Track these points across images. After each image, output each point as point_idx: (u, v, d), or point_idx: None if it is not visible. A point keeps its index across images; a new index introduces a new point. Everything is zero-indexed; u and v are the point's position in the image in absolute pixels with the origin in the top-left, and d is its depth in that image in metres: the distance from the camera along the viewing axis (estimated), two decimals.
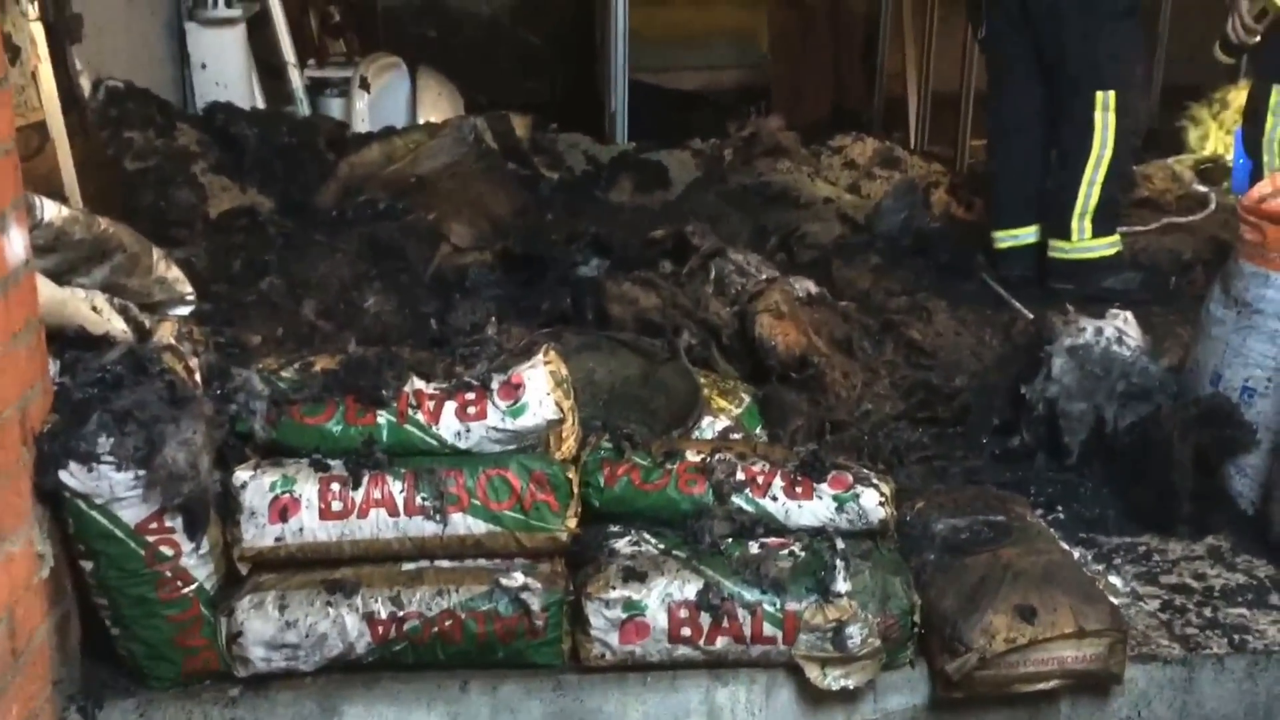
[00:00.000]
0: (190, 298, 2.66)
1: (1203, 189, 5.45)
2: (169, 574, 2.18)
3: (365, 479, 2.26)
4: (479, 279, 3.92)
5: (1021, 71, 4.42)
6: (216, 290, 3.46)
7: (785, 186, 5.07)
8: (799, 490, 2.38)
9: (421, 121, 5.67)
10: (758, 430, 2.93)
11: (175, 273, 2.61)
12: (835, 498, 2.37)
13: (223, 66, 5.30)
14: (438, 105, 5.98)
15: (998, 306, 4.17)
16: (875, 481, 2.41)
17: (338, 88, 5.96)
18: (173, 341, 2.30)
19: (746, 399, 3.01)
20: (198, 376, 2.28)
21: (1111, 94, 4.17)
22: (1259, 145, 4.14)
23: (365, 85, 5.80)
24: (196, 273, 3.20)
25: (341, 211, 4.37)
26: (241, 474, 2.26)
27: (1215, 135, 6.05)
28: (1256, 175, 3.94)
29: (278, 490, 2.25)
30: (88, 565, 2.17)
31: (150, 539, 2.14)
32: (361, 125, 5.61)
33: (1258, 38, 4.00)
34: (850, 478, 2.40)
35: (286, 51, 5.71)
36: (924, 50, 7.34)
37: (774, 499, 2.38)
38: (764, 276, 3.57)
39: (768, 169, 5.28)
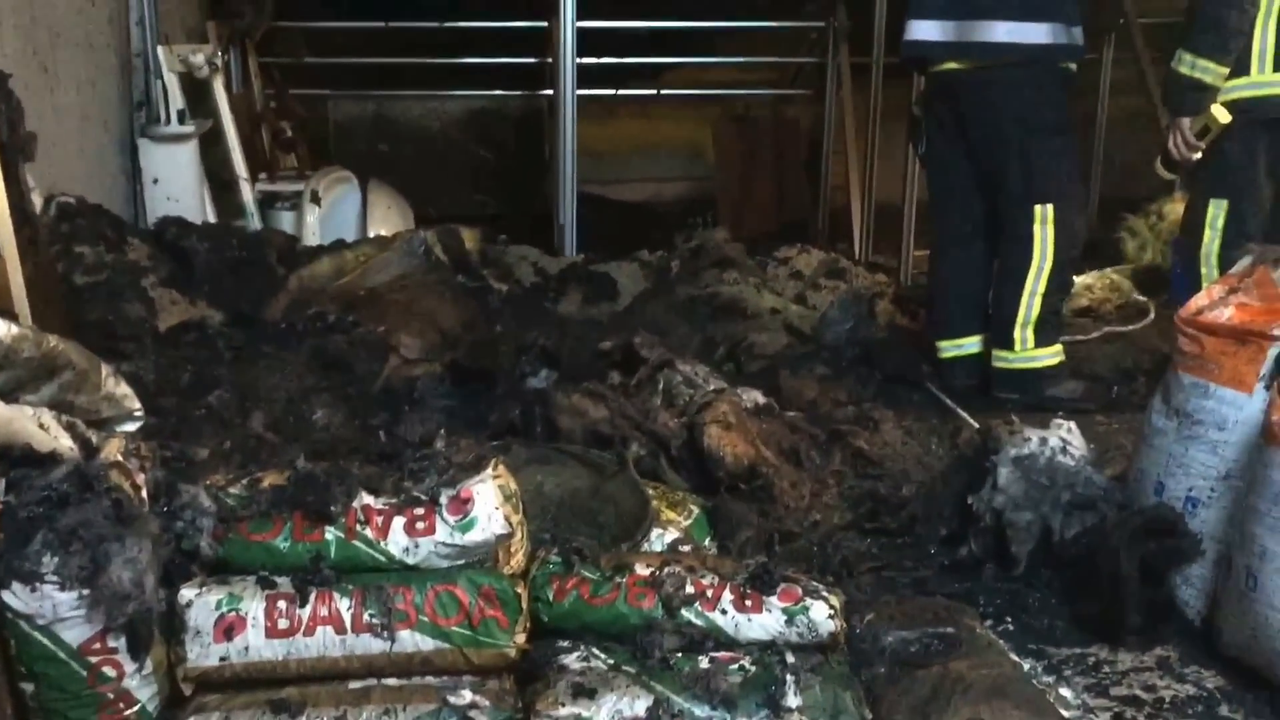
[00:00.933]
0: (138, 413, 2.65)
1: (1142, 298, 5.60)
2: (111, 696, 2.14)
3: (312, 596, 2.25)
4: (428, 391, 3.93)
5: (962, 185, 4.53)
6: (165, 404, 3.44)
7: (732, 298, 5.14)
8: (748, 604, 2.38)
9: (372, 235, 5.73)
10: (707, 542, 2.94)
11: (124, 389, 2.60)
12: (785, 611, 2.38)
13: (175, 182, 5.35)
14: (388, 218, 6.04)
15: (944, 416, 4.22)
16: (825, 594, 2.42)
17: (289, 201, 6.01)
18: (120, 458, 2.28)
19: (695, 510, 3.02)
20: (145, 493, 2.26)
21: (1050, 208, 4.27)
22: (1196, 258, 4.24)
23: (316, 199, 5.86)
24: (145, 386, 3.19)
25: (291, 324, 4.38)
26: (187, 592, 2.24)
27: (1153, 246, 6.21)
28: (1194, 287, 4.03)
29: (223, 608, 2.22)
30: (29, 688, 2.12)
31: (93, 660, 2.11)
32: (312, 238, 5.65)
33: (1199, 154, 4.12)
34: (800, 590, 2.40)
35: (238, 166, 5.78)
36: (867, 162, 7.51)
37: (723, 612, 2.38)
38: (712, 388, 3.61)
39: (715, 280, 5.35)
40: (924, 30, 4.34)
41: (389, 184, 6.49)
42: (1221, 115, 3.98)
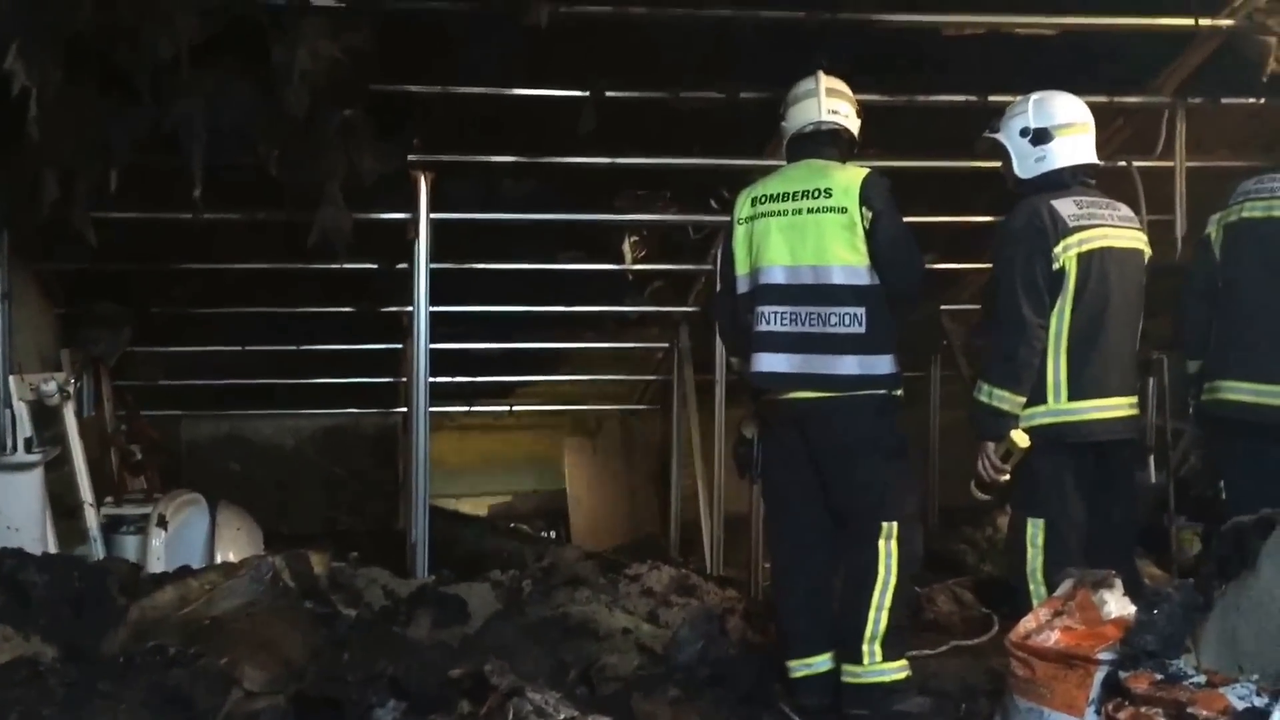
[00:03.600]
0: None
1: (985, 610, 5.74)
2: None
3: None
4: None
5: (804, 505, 4.61)
6: None
7: (584, 617, 5.14)
8: None
9: (220, 559, 5.64)
10: None
11: None
12: None
13: (17, 510, 5.26)
14: (236, 541, 5.97)
15: None
16: None
17: (135, 525, 5.91)
18: None
19: None
20: None
21: (894, 525, 4.38)
22: (1023, 575, 4.42)
23: (163, 523, 5.78)
24: None
25: (129, 658, 4.23)
26: None
27: (991, 557, 6.43)
28: (1023, 607, 4.15)
29: None
30: None
31: None
32: (157, 564, 5.54)
33: (1007, 476, 4.36)
34: None
35: (84, 491, 5.70)
36: (714, 475, 7.72)
37: None
38: (563, 716, 3.57)
39: (566, 599, 5.36)
40: (772, 362, 4.56)
41: (240, 505, 6.44)
42: (1020, 439, 4.23)
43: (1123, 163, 5.95)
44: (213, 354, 8.19)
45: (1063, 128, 4.34)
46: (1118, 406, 4.29)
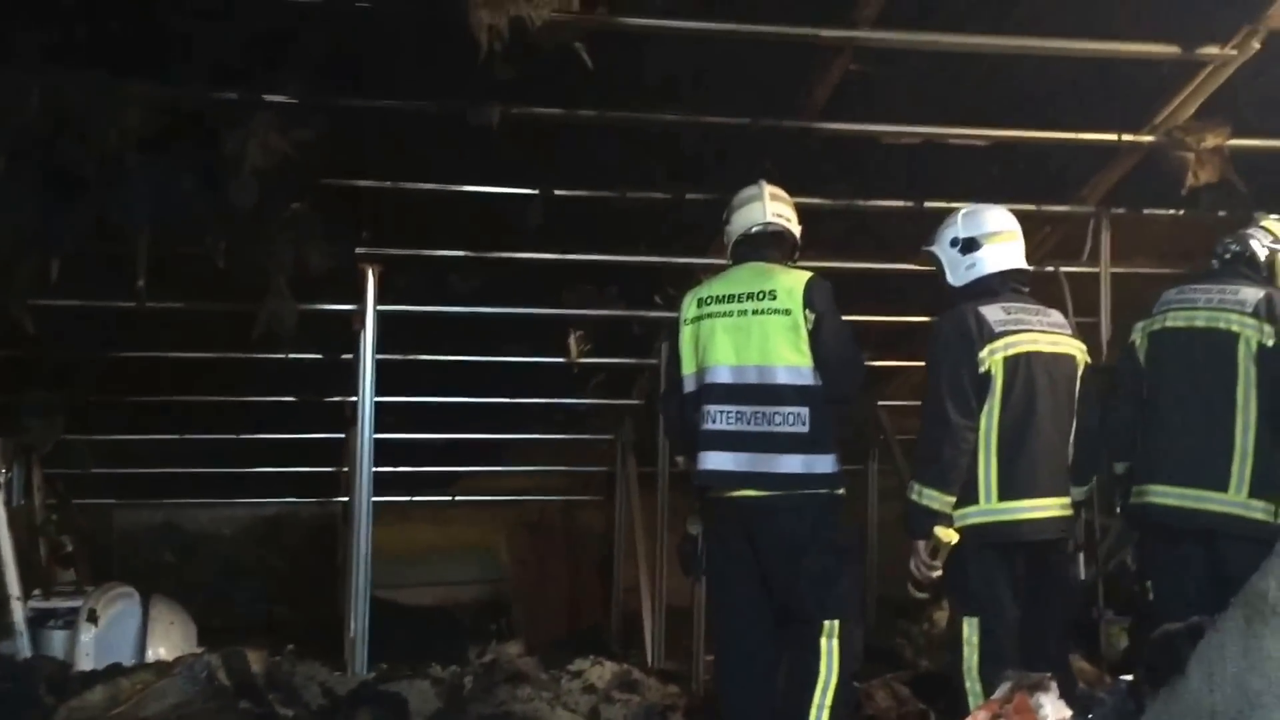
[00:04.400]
0: None
1: (922, 706, 5.77)
2: None
3: None
4: None
5: (747, 601, 4.63)
6: None
7: (526, 715, 5.12)
8: None
9: (152, 655, 5.55)
10: None
11: None
12: None
13: None
14: (169, 637, 5.87)
15: None
16: None
17: (64, 619, 5.78)
18: None
19: None
20: None
21: (836, 623, 4.42)
22: (960, 673, 4.46)
23: (93, 617, 5.67)
24: None
25: None
26: None
27: (928, 651, 6.47)
28: (962, 704, 4.20)
29: None
30: None
31: None
32: (86, 661, 5.42)
33: (937, 573, 4.44)
34: None
35: (10, 585, 5.58)
36: (656, 567, 7.72)
37: None
38: None
39: (508, 697, 5.34)
40: (718, 461, 4.60)
41: (174, 597, 6.34)
42: (945, 535, 4.31)
43: (1051, 268, 6.16)
44: (149, 442, 8.10)
45: (990, 236, 4.51)
46: (1048, 507, 4.39)
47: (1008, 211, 4.62)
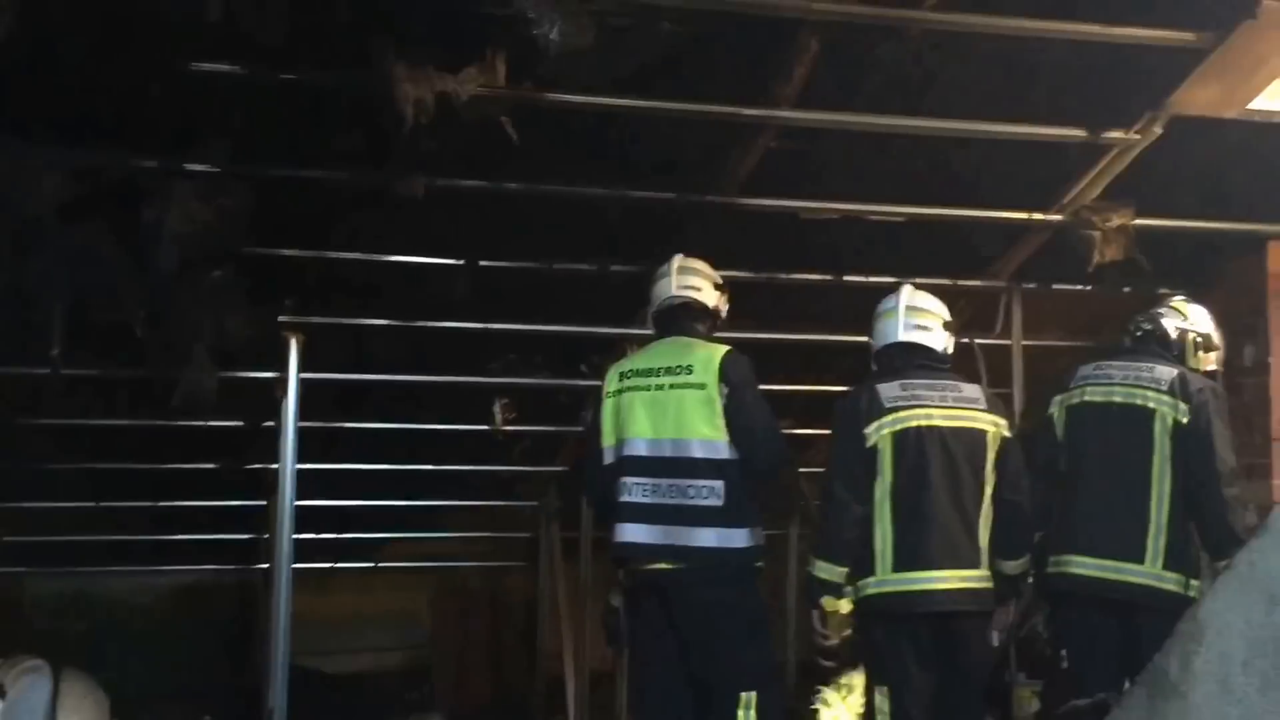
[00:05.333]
0: None
1: None
2: None
3: None
4: None
5: (666, 673, 4.65)
6: None
7: None
8: None
9: None
10: None
11: None
12: None
13: None
14: (80, 710, 5.70)
15: None
16: None
17: None
18: None
19: None
20: None
21: (753, 694, 4.46)
22: None
23: (0, 692, 5.50)
24: None
25: None
26: None
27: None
28: None
29: None
30: None
31: None
32: None
33: (833, 640, 4.51)
34: None
35: None
36: (579, 633, 7.70)
37: None
38: None
39: None
40: (634, 533, 4.64)
41: (87, 669, 6.17)
42: (830, 605, 4.44)
43: (965, 340, 6.30)
44: (63, 509, 7.92)
45: (880, 314, 4.73)
46: (947, 579, 4.46)
47: (920, 291, 4.76)
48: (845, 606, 4.39)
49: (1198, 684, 2.68)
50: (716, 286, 4.80)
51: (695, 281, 4.75)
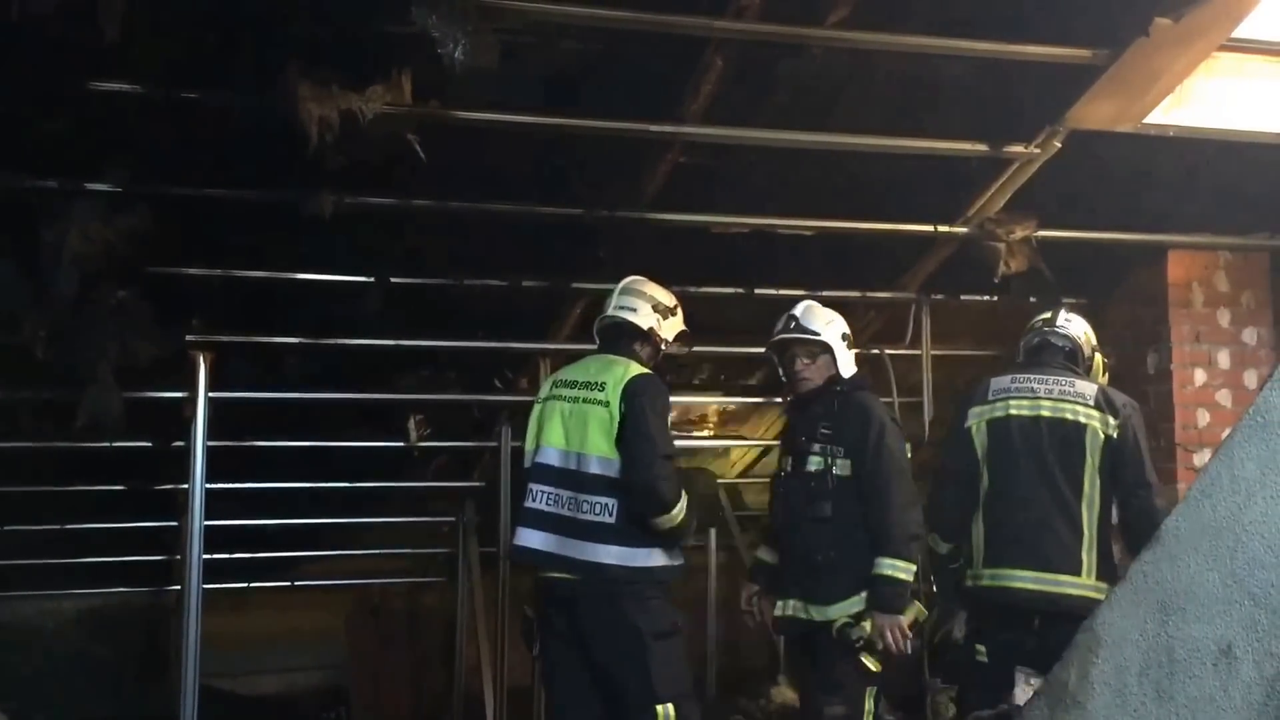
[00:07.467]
0: None
1: None
2: None
3: None
4: None
5: (578, 688, 4.64)
6: None
7: None
8: None
9: None
10: None
11: None
12: None
13: None
14: None
15: None
16: None
17: None
18: None
19: None
20: None
21: (670, 707, 4.47)
22: None
23: None
24: None
25: None
26: None
27: None
28: None
29: None
30: None
31: None
32: None
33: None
34: None
35: None
36: (497, 647, 7.64)
37: None
38: None
39: None
40: (530, 538, 4.66)
41: None
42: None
43: (875, 351, 6.40)
44: None
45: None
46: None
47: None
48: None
49: (1095, 694, 2.73)
50: (659, 309, 4.83)
51: (632, 303, 4.82)
